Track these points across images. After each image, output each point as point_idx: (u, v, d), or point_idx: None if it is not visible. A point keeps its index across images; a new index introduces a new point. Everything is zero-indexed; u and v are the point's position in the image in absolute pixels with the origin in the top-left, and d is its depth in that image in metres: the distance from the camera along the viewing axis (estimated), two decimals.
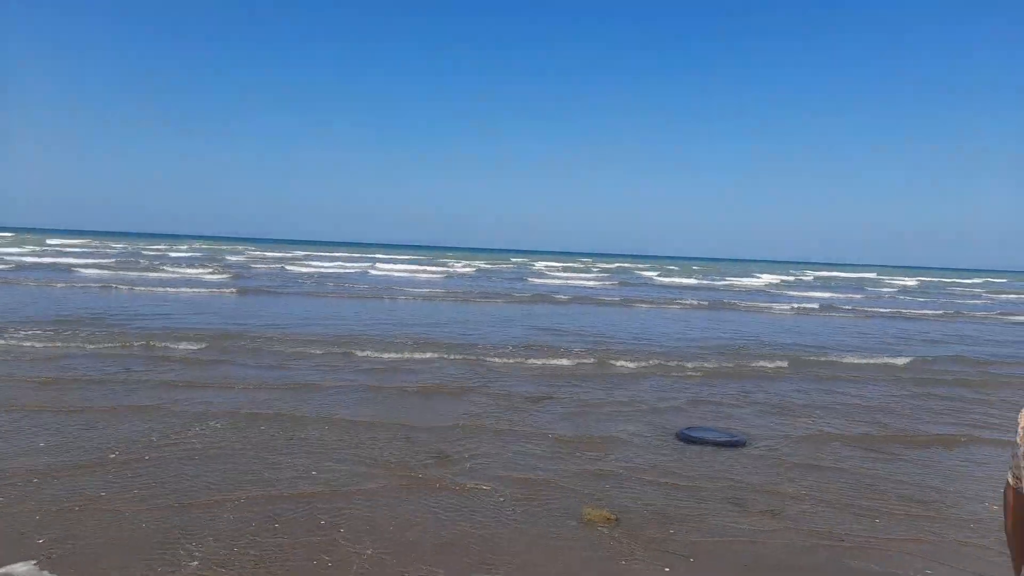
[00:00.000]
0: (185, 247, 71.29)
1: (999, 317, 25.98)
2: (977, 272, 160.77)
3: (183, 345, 10.84)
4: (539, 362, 11.03)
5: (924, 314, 25.81)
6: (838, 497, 5.58)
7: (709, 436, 7.09)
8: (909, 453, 6.99)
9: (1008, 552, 2.09)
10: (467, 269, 49.04)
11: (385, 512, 4.86)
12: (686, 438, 7.05)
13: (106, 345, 10.56)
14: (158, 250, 57.71)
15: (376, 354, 10.91)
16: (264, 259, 50.36)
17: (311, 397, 8.12)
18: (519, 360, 11.06)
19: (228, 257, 50.62)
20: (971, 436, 7.69)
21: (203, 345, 10.95)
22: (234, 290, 22.08)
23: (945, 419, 8.50)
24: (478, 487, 5.43)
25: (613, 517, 4.87)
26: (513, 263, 70.95)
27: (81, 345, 10.49)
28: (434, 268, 45.11)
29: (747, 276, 55.85)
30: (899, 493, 5.74)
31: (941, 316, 25.31)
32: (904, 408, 8.99)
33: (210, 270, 31.97)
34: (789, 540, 4.69)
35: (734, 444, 6.93)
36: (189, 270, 31.68)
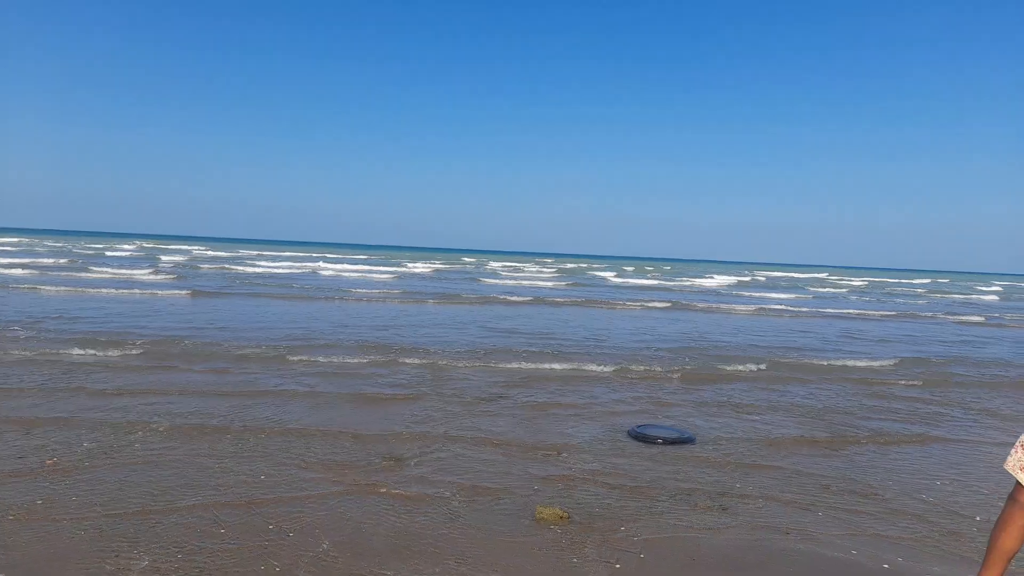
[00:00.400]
0: (133, 246, 69.20)
1: (946, 317, 26.87)
2: (921, 272, 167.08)
3: (122, 351, 10.49)
4: (493, 364, 11.02)
5: (874, 314, 26.62)
6: (784, 493, 5.72)
7: (661, 434, 7.20)
8: (856, 450, 7.20)
9: (991, 555, 1.97)
10: (419, 269, 48.77)
11: (335, 516, 4.79)
12: (638, 436, 7.14)
13: (39, 351, 10.13)
14: (95, 249, 55.82)
15: (325, 358, 10.74)
16: (208, 259, 49.17)
17: (258, 402, 7.96)
18: (472, 363, 11.03)
19: (172, 257, 49.20)
20: (922, 435, 7.91)
21: (143, 350, 10.61)
22: (176, 292, 21.44)
23: (893, 417, 8.75)
24: (431, 490, 5.41)
25: (565, 515, 4.90)
26: (465, 263, 70.90)
27: (10, 351, 10.06)
28: (385, 268, 44.67)
29: (702, 276, 56.80)
30: (843, 488, 5.91)
31: (894, 316, 26.11)
32: (853, 407, 9.23)
33: (149, 271, 30.82)
34: (736, 535, 4.79)
35: (684, 441, 7.05)
36: (127, 271, 30.43)
